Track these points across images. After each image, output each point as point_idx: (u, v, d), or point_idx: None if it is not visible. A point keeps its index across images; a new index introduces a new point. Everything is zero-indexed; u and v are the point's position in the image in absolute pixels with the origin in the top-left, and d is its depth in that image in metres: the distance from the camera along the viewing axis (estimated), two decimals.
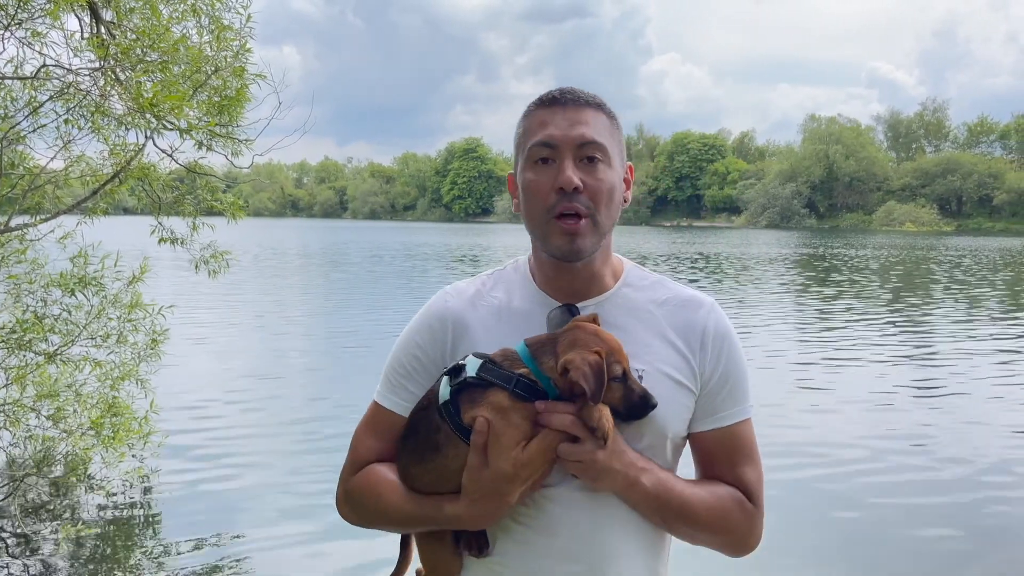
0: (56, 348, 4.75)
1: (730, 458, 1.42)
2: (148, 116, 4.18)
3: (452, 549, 1.38)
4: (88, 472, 5.51)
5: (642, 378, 1.34)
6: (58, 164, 4.89)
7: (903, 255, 36.97)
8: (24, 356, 4.72)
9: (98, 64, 4.30)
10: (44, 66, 4.18)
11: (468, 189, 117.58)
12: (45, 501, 5.35)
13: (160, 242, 5.12)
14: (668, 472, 1.37)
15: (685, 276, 24.07)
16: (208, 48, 4.58)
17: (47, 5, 4.05)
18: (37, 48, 4.15)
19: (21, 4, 4.00)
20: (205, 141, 4.69)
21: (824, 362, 10.67)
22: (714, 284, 21.95)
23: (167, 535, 5.01)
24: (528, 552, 1.34)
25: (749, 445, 1.44)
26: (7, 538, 4.79)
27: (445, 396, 1.31)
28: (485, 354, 1.32)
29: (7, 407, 4.72)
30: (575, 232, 1.34)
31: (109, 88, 4.28)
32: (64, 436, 4.94)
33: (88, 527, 4.97)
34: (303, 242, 46.41)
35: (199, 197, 5.26)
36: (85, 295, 4.73)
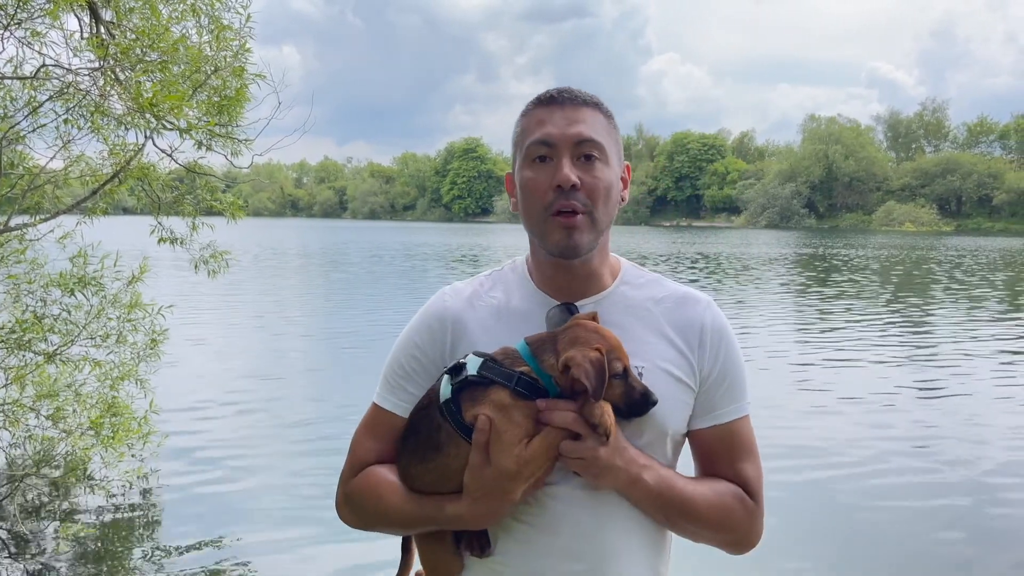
0: (55, 348, 4.74)
1: (729, 455, 1.43)
2: (148, 116, 4.17)
3: (452, 549, 1.38)
4: (88, 472, 5.51)
5: (642, 375, 1.34)
6: (58, 164, 4.89)
7: (903, 255, 36.96)
8: (23, 356, 4.71)
9: (98, 64, 4.30)
10: (44, 66, 4.18)
11: (468, 189, 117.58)
12: (44, 501, 5.35)
13: (160, 242, 5.12)
14: (669, 469, 1.37)
15: (685, 276, 24.05)
16: (208, 48, 4.57)
17: (47, 5, 4.05)
18: (37, 48, 4.15)
19: (21, 4, 3.99)
20: (205, 141, 4.69)
21: (824, 362, 10.66)
22: (714, 284, 21.93)
23: (166, 535, 5.01)
24: (530, 551, 1.34)
25: (748, 442, 1.44)
26: (6, 538, 4.78)
27: (446, 395, 1.31)
28: (486, 352, 1.32)
29: (6, 407, 4.72)
30: (573, 226, 1.34)
31: (109, 88, 4.28)
32: (63, 436, 4.94)
33: (87, 527, 4.97)
34: (303, 242, 46.40)
35: (199, 197, 5.26)
36: (84, 295, 4.73)
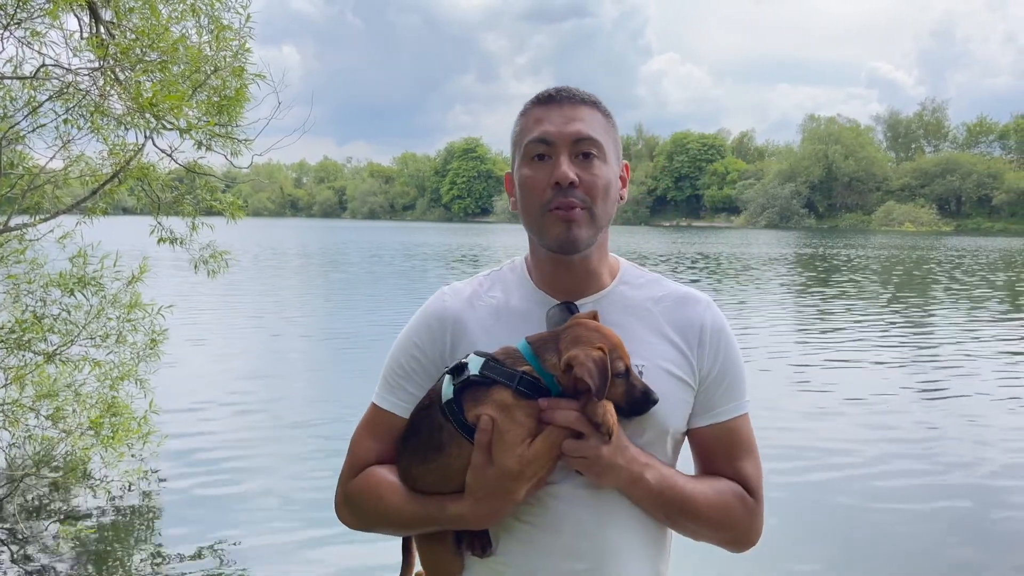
0: (55, 348, 4.74)
1: (729, 453, 1.43)
2: (147, 116, 4.17)
3: (453, 549, 1.38)
4: (87, 472, 5.51)
5: (642, 374, 1.35)
6: (57, 164, 4.89)
7: (903, 255, 36.97)
8: (23, 356, 4.71)
9: (97, 64, 4.30)
10: (43, 66, 4.18)
11: (467, 189, 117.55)
12: (44, 501, 5.34)
13: (159, 242, 5.12)
14: (670, 468, 1.38)
15: (685, 276, 24.05)
16: (207, 48, 4.57)
17: (46, 5, 4.05)
18: (36, 48, 4.15)
19: (20, 4, 3.99)
20: (204, 141, 4.69)
21: (825, 363, 10.65)
22: (714, 284, 21.94)
23: (166, 535, 5.01)
24: (531, 550, 1.34)
25: (747, 440, 1.45)
26: (6, 538, 4.78)
27: (448, 395, 1.31)
28: (487, 352, 1.32)
29: (6, 407, 4.72)
30: (571, 220, 1.35)
31: (108, 88, 4.28)
32: (63, 436, 4.94)
33: (87, 527, 4.97)
34: (302, 242, 46.40)
35: (198, 197, 5.26)
36: (84, 295, 4.73)
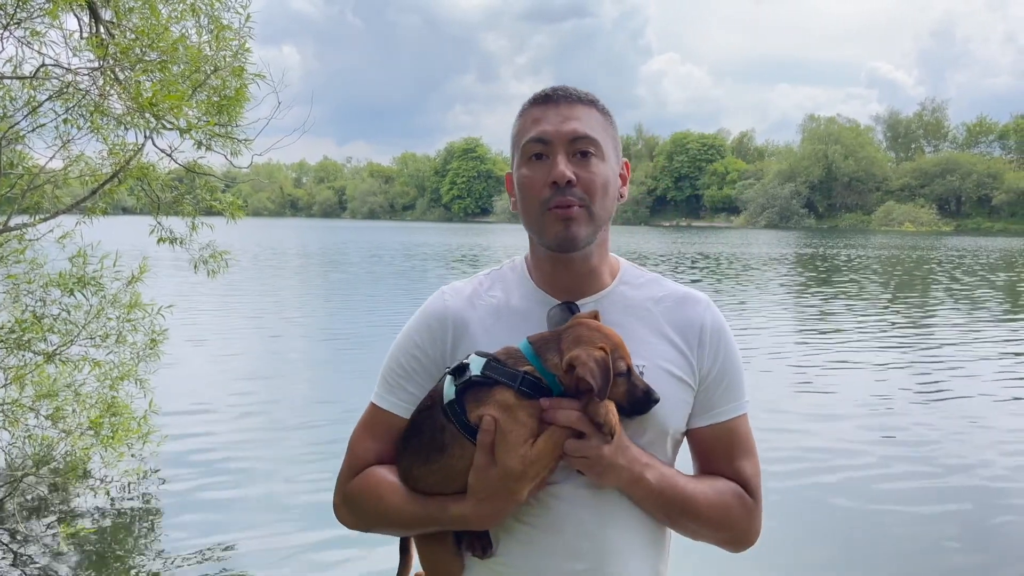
0: (55, 348, 4.74)
1: (728, 453, 1.44)
2: (147, 116, 4.17)
3: (453, 550, 1.38)
4: (87, 472, 5.50)
5: (643, 374, 1.35)
6: (57, 164, 4.89)
7: (903, 255, 36.97)
8: (23, 356, 4.71)
9: (97, 64, 4.30)
10: (43, 66, 4.18)
11: (467, 189, 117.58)
12: (44, 501, 5.34)
13: (159, 242, 5.12)
14: (670, 468, 1.38)
15: (685, 276, 24.05)
16: (207, 48, 4.57)
17: (46, 4, 4.05)
18: (36, 47, 4.16)
19: (20, 3, 3.99)
20: (204, 141, 4.69)
21: (825, 364, 10.60)
22: (714, 284, 21.94)
23: (165, 535, 5.00)
24: (532, 551, 1.34)
25: (746, 440, 1.45)
26: (6, 538, 4.78)
27: (450, 395, 1.31)
28: (488, 352, 1.32)
29: (6, 407, 4.72)
30: (569, 218, 1.35)
31: (108, 88, 4.28)
32: (63, 436, 4.94)
33: (87, 527, 4.96)
34: (302, 242, 46.39)
35: (198, 197, 5.26)
36: (84, 295, 4.73)
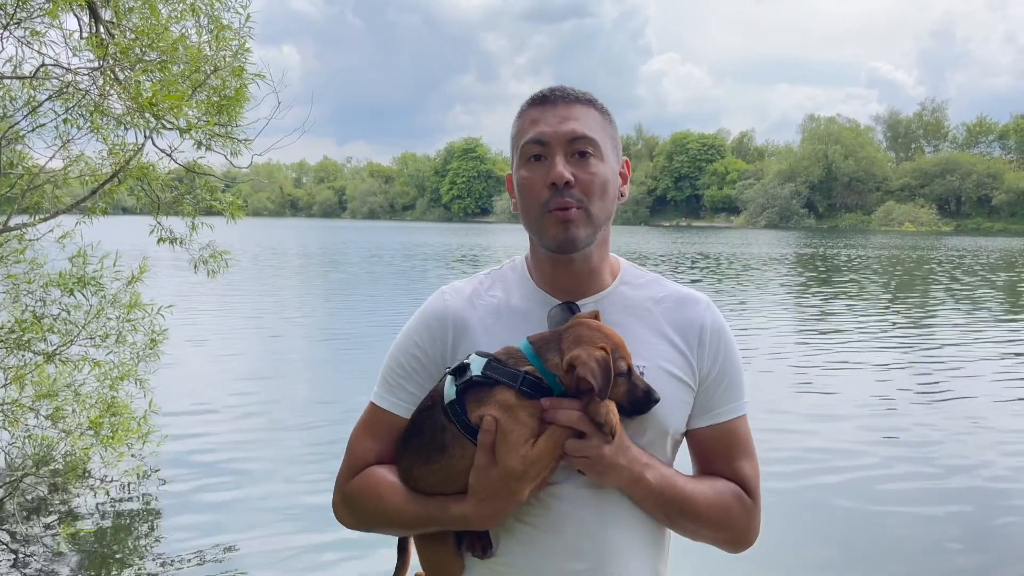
0: (55, 348, 4.74)
1: (727, 454, 1.44)
2: (147, 116, 4.17)
3: (454, 550, 1.38)
4: (87, 472, 5.50)
5: (643, 374, 1.35)
6: (57, 163, 4.89)
7: (903, 255, 36.96)
8: (23, 356, 4.71)
9: (97, 63, 4.29)
10: (43, 65, 4.18)
11: (467, 189, 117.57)
12: (44, 501, 5.34)
13: (159, 242, 5.12)
14: (670, 468, 1.38)
15: (685, 276, 24.04)
16: (207, 48, 4.57)
17: (46, 4, 4.05)
18: (36, 47, 4.16)
19: (20, 3, 3.99)
20: (204, 141, 4.69)
21: (826, 364, 10.58)
22: (714, 284, 21.93)
23: (166, 535, 5.00)
24: (532, 551, 1.34)
25: (745, 440, 1.46)
26: (6, 539, 4.78)
27: (451, 396, 1.30)
28: (489, 352, 1.32)
29: (6, 407, 4.72)
30: (568, 220, 1.35)
31: (108, 87, 4.28)
32: (63, 436, 4.94)
33: (87, 528, 4.96)
34: (302, 242, 46.38)
35: (198, 197, 5.26)
36: (84, 295, 4.72)
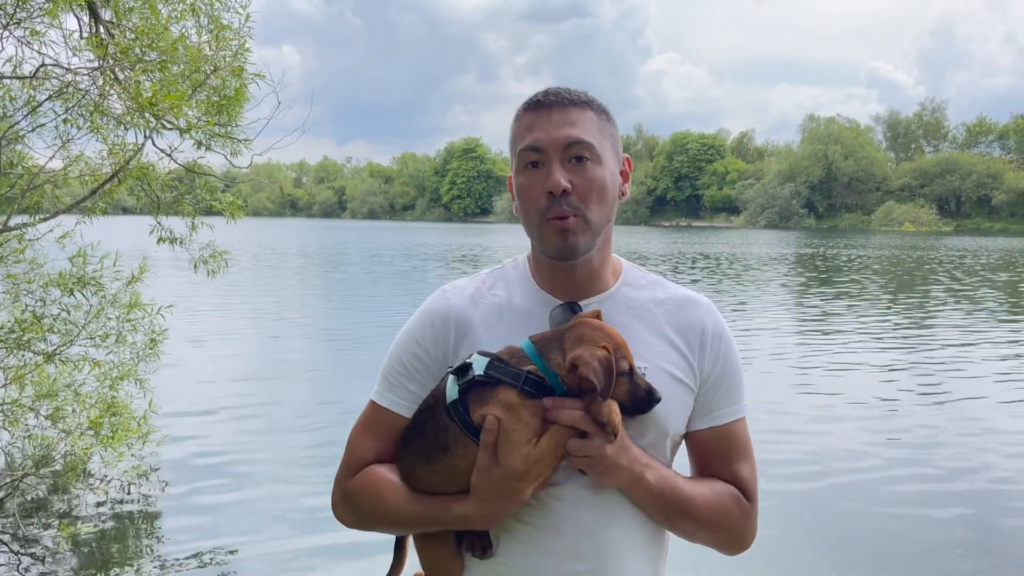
0: (55, 348, 4.73)
1: (726, 456, 1.44)
2: (147, 115, 4.17)
3: (454, 550, 1.38)
4: (87, 472, 5.50)
5: (645, 375, 1.35)
6: (57, 163, 4.89)
7: (903, 255, 36.96)
8: (23, 356, 4.71)
9: (97, 63, 4.29)
10: (43, 65, 4.18)
11: (467, 189, 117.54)
12: (44, 501, 5.34)
13: (159, 242, 5.12)
14: (670, 469, 1.38)
15: (685, 277, 24.04)
16: (207, 48, 4.57)
17: (46, 4, 4.05)
18: (36, 47, 4.16)
19: (20, 3, 3.99)
20: (204, 141, 4.69)
21: (827, 365, 10.57)
22: (714, 284, 21.93)
23: (166, 536, 5.00)
24: (533, 551, 1.34)
25: (744, 443, 1.46)
26: (6, 538, 4.78)
27: (453, 395, 1.30)
28: (491, 352, 1.32)
29: (6, 407, 4.72)
30: (567, 229, 1.35)
31: (108, 87, 4.28)
32: (63, 436, 4.93)
33: (87, 527, 4.96)
34: (302, 242, 46.39)
35: (198, 197, 5.26)
36: (84, 295, 4.72)
